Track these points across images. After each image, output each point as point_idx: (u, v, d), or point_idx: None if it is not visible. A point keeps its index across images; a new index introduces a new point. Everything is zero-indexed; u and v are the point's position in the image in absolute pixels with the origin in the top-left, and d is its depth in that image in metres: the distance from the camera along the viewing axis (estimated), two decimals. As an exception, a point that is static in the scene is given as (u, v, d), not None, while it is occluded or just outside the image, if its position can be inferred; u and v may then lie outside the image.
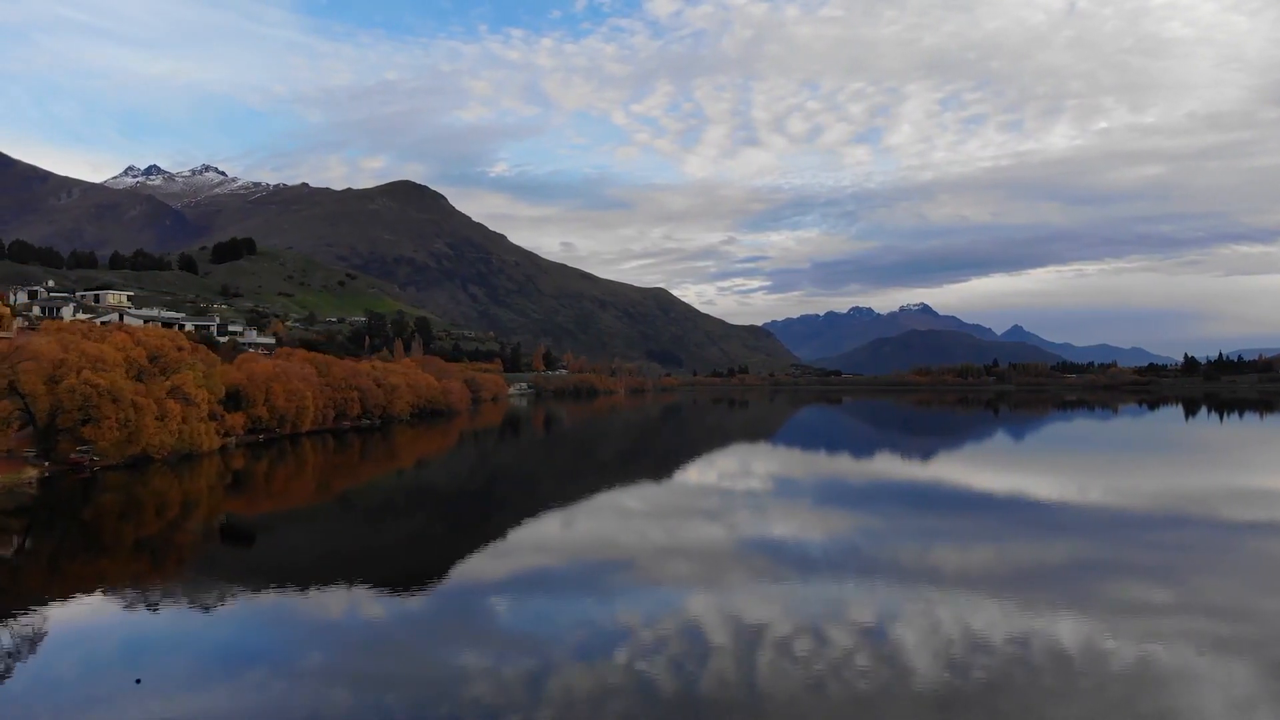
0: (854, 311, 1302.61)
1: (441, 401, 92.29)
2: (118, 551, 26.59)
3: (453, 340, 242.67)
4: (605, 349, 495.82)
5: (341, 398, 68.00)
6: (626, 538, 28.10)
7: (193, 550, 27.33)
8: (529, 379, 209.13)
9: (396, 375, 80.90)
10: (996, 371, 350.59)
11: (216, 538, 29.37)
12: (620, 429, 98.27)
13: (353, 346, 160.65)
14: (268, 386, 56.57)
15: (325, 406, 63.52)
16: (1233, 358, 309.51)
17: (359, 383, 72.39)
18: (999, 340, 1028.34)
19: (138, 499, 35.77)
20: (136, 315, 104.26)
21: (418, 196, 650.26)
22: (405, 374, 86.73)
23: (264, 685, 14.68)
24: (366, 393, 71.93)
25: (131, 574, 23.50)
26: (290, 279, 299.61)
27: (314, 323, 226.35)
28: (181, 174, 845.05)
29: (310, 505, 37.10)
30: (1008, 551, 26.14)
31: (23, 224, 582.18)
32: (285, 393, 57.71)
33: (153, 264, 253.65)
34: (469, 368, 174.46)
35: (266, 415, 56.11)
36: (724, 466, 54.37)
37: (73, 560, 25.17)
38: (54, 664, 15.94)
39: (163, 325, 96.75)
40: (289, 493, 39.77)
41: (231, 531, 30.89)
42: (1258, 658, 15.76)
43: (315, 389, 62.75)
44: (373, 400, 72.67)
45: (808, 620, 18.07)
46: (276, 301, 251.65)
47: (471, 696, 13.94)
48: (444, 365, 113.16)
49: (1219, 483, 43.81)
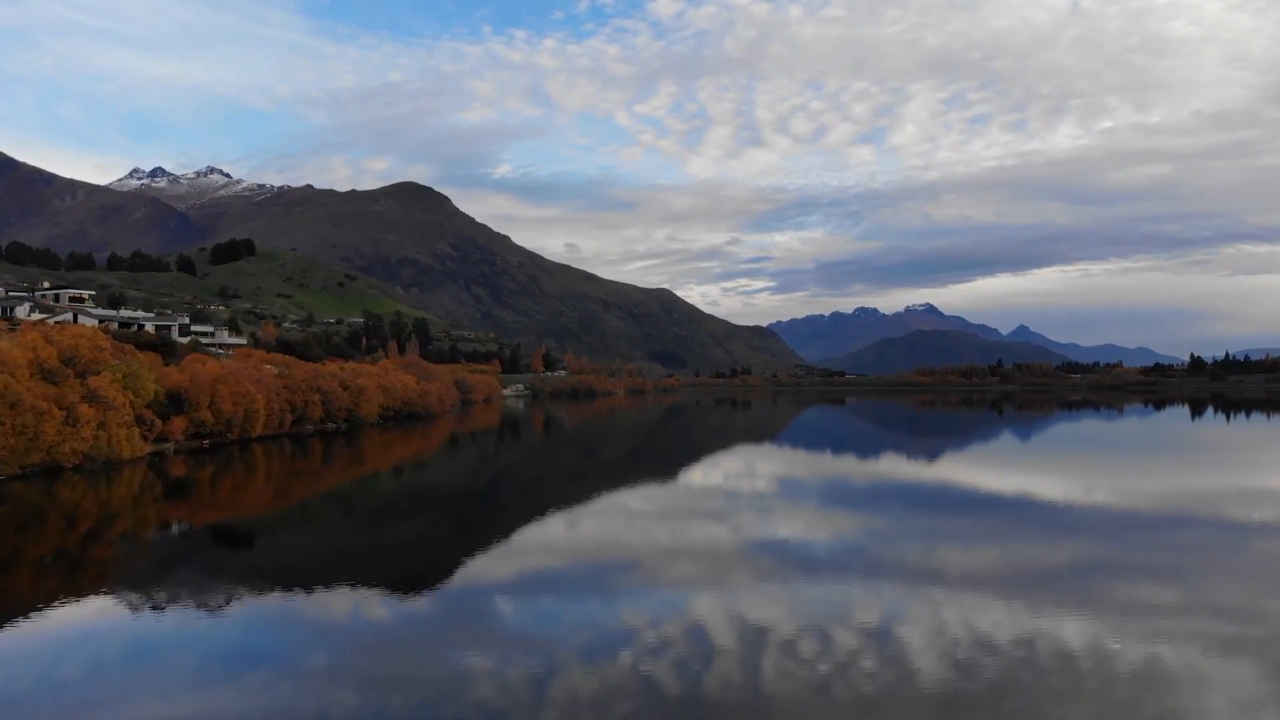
0: (859, 312, 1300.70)
1: (419, 404, 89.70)
2: (16, 566, 24.67)
3: (451, 341, 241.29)
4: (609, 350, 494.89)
5: (302, 400, 65.32)
6: (630, 538, 27.99)
7: (113, 565, 25.46)
8: (527, 380, 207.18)
9: (366, 377, 78.10)
10: (1001, 372, 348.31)
11: (145, 551, 27.46)
12: (619, 430, 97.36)
13: (349, 348, 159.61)
14: (213, 389, 53.75)
15: (282, 410, 60.95)
16: (1239, 357, 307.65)
17: (322, 384, 69.72)
18: (1004, 340, 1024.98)
19: (39, 510, 32.80)
20: (92, 314, 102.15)
21: (421, 198, 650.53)
22: (378, 375, 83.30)
23: (268, 687, 14.60)
24: (330, 395, 69.30)
25: (45, 590, 21.70)
26: (290, 280, 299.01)
27: (312, 324, 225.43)
28: (186, 176, 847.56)
29: (265, 514, 35.17)
30: (1013, 552, 25.89)
31: (27, 226, 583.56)
32: (232, 395, 54.93)
33: (151, 265, 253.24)
34: (464, 369, 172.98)
35: (211, 419, 53.30)
36: (728, 467, 53.97)
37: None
38: (56, 666, 15.92)
39: (119, 325, 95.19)
40: (236, 502, 37.32)
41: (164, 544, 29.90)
42: (1265, 659, 15.57)
43: (270, 391, 60.18)
44: (338, 403, 70.15)
45: (813, 621, 18.00)
46: (275, 303, 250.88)
47: (476, 698, 13.88)
48: (428, 366, 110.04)
49: (1226, 483, 43.38)
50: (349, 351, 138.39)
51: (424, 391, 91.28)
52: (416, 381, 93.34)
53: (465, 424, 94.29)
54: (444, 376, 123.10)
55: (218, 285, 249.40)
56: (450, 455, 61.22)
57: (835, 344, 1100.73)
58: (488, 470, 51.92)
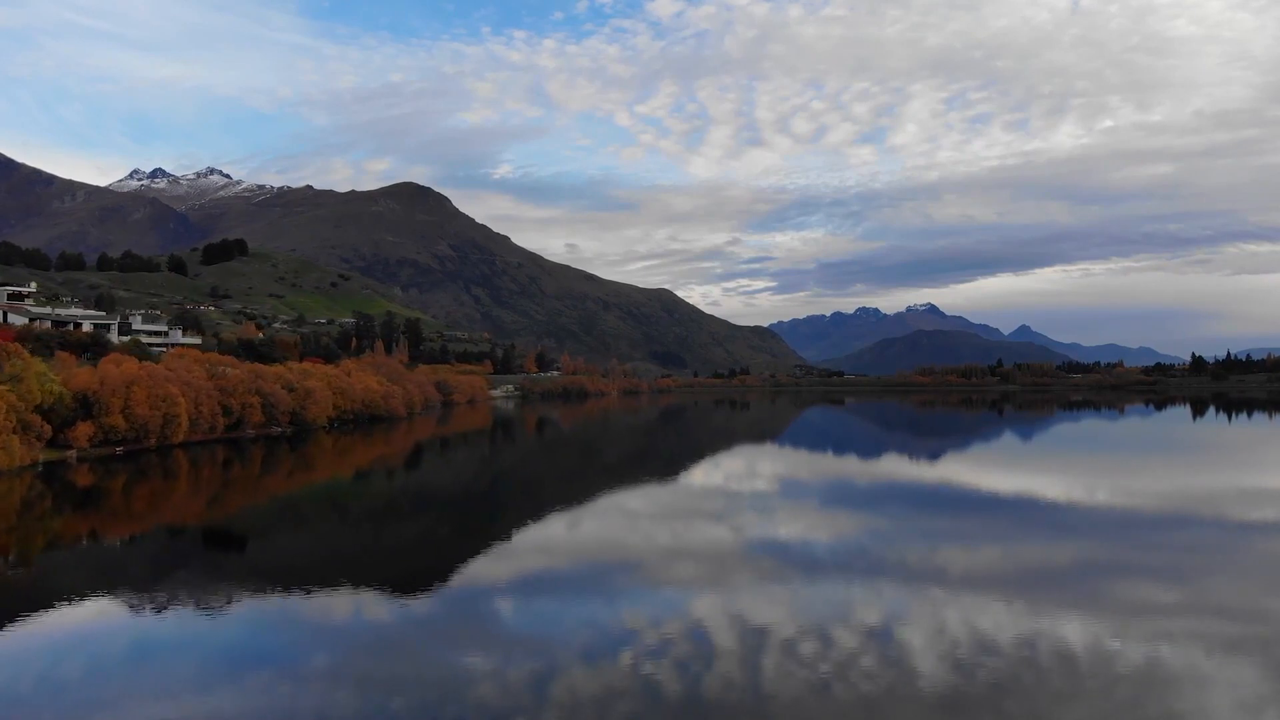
0: (860, 312, 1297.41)
1: (381, 406, 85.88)
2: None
3: (443, 342, 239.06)
4: (608, 351, 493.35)
5: (238, 403, 61.67)
6: (634, 539, 27.95)
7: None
8: (517, 381, 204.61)
9: (316, 378, 74.70)
10: (1001, 372, 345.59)
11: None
12: (609, 433, 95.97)
13: (338, 348, 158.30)
14: (127, 391, 50.20)
15: (213, 414, 58.01)
16: (1241, 357, 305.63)
17: (263, 386, 65.85)
18: (1006, 340, 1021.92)
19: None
20: (30, 311, 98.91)
21: (421, 198, 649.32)
22: (335, 377, 79.89)
23: (269, 688, 14.59)
24: (273, 397, 65.75)
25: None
26: (282, 280, 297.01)
27: (303, 324, 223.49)
28: (186, 177, 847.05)
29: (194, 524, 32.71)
30: (1014, 552, 25.87)
31: (27, 228, 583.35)
32: (149, 398, 51.18)
33: (141, 265, 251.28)
34: (452, 369, 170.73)
35: (124, 424, 49.71)
36: (729, 468, 53.59)
37: None
38: (58, 667, 15.97)
39: (53, 324, 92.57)
40: (155, 512, 34.48)
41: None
42: (1267, 659, 15.55)
43: (199, 394, 56.77)
44: (282, 406, 66.55)
45: (814, 622, 17.98)
46: (266, 303, 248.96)
47: (477, 699, 13.88)
48: (397, 368, 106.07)
49: (1227, 483, 43.29)
50: (336, 352, 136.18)
51: (387, 393, 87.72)
52: (380, 383, 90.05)
53: (443, 426, 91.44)
54: (422, 377, 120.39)
55: (209, 286, 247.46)
56: (405, 464, 55.84)
57: (837, 344, 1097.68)
58: (439, 480, 48.57)
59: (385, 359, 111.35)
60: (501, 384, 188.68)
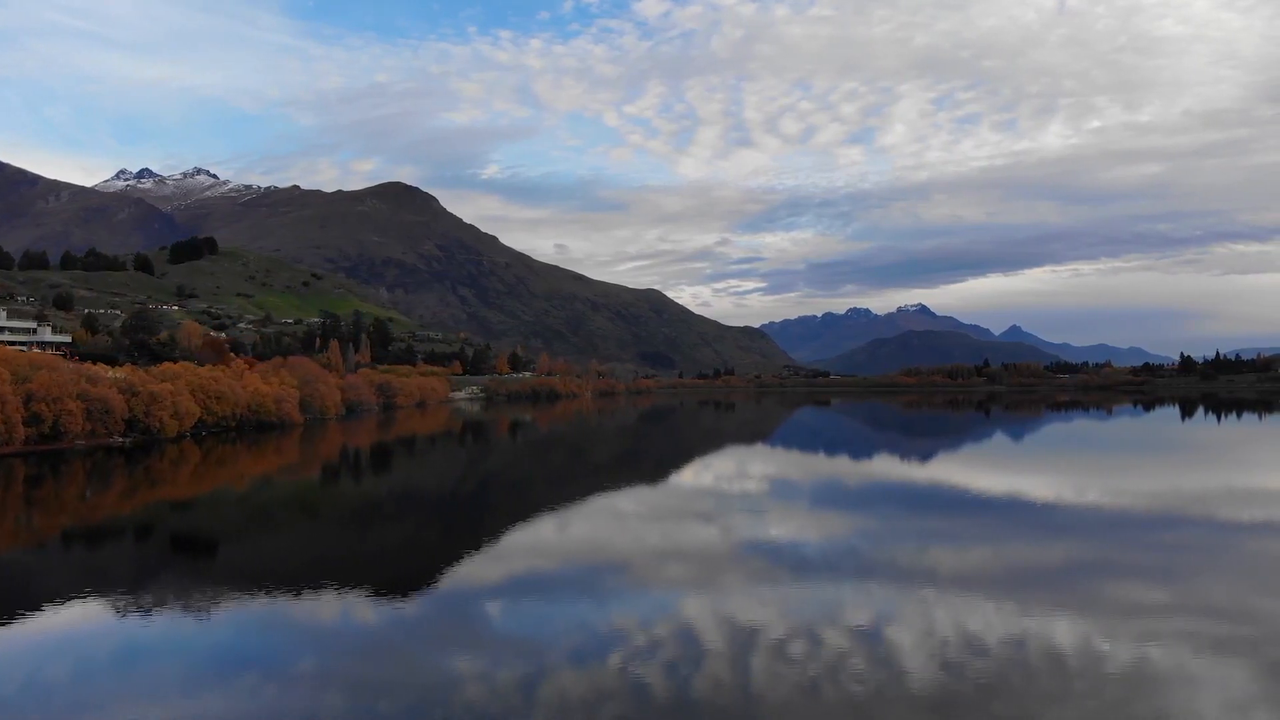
0: (851, 312, 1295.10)
1: (272, 412, 77.55)
2: None
3: (410, 342, 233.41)
4: (596, 351, 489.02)
5: (54, 410, 54.29)
6: (622, 541, 27.69)
7: None
8: (483, 382, 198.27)
9: (176, 380, 66.07)
10: (988, 372, 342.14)
11: None
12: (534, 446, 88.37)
13: (303, 349, 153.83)
14: None
15: (11, 421, 51.53)
16: (1230, 357, 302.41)
17: (93, 391, 58.21)
18: (997, 340, 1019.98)
19: None
20: None
21: (408, 198, 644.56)
22: (207, 379, 71.59)
23: (255, 691, 14.33)
24: (107, 402, 58.57)
25: None
26: (252, 279, 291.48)
27: (269, 324, 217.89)
28: (173, 177, 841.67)
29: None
30: (1003, 553, 25.78)
31: (10, 228, 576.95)
32: None
33: (106, 264, 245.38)
34: (415, 370, 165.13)
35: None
36: (719, 468, 53.22)
37: None
38: (44, 669, 15.61)
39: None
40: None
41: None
42: (1256, 659, 15.46)
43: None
44: (118, 412, 59.30)
45: (803, 623, 17.86)
46: (233, 303, 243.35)
47: (465, 701, 13.74)
48: (314, 369, 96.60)
49: (1216, 483, 43.15)
50: (299, 353, 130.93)
51: (279, 397, 79.53)
52: (274, 385, 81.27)
53: (372, 434, 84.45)
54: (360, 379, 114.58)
55: (175, 285, 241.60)
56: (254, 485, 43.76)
57: (828, 345, 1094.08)
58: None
59: (301, 360, 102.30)
60: (465, 385, 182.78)
